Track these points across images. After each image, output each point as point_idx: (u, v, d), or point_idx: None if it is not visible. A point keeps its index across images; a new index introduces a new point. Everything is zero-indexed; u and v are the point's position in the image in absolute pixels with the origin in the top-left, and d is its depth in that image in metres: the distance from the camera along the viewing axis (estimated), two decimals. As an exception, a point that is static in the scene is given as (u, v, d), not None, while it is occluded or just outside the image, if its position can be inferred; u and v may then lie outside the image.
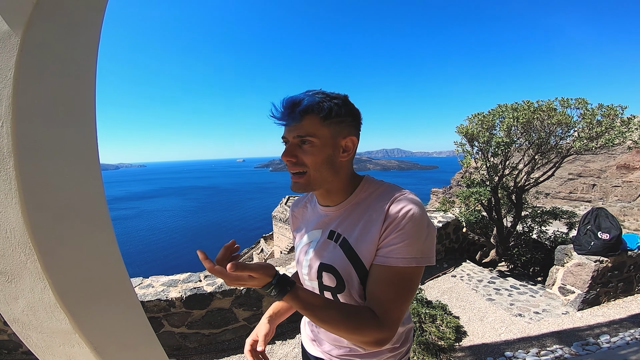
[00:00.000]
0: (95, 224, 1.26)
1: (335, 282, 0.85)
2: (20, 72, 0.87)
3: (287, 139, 0.81)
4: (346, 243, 0.84)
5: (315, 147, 0.77)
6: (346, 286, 0.84)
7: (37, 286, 1.09)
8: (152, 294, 2.70)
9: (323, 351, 1.01)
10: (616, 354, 2.38)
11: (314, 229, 0.94)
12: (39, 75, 0.95)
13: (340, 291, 0.86)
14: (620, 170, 27.07)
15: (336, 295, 0.88)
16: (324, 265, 0.88)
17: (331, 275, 0.86)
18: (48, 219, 1.06)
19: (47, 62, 0.97)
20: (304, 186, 0.81)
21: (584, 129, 4.82)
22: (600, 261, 3.55)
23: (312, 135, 0.77)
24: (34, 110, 0.97)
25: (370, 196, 0.85)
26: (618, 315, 3.39)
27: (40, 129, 1.00)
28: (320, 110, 0.76)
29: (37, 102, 0.98)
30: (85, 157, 1.19)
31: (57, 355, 1.28)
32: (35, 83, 0.95)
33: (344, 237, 0.85)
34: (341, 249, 0.84)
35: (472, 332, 3.26)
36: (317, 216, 0.95)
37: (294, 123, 0.77)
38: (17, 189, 0.95)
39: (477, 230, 6.06)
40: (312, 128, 0.77)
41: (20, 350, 2.56)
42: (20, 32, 0.84)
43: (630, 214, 13.48)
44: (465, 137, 5.41)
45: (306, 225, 0.99)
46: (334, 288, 0.87)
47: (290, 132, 0.79)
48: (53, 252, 1.08)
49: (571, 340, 2.90)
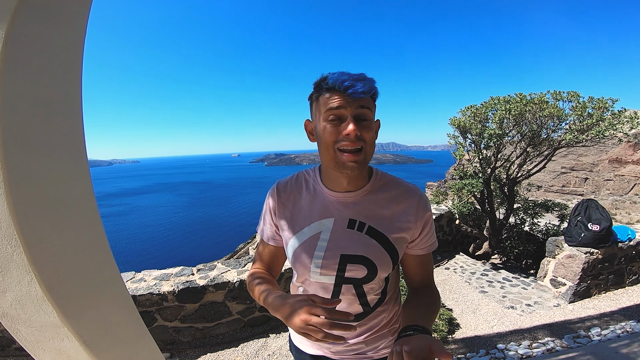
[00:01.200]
0: (83, 217, 1.24)
1: (365, 272, 0.84)
2: (4, 64, 0.87)
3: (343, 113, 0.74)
4: (375, 231, 0.84)
5: (370, 124, 0.77)
6: (377, 275, 0.85)
7: (24, 279, 1.07)
8: (144, 287, 2.68)
9: (318, 344, 0.97)
10: (607, 346, 2.41)
11: (323, 219, 0.86)
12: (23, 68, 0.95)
13: (367, 281, 0.86)
14: (612, 164, 27.46)
15: (361, 285, 0.87)
16: (349, 256, 0.84)
17: (360, 266, 0.84)
18: (34, 210, 1.05)
19: (32, 55, 0.96)
20: (361, 165, 0.76)
21: (575, 122, 4.87)
22: (590, 253, 3.59)
23: (371, 111, 0.77)
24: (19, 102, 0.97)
25: (386, 187, 0.89)
26: (609, 308, 3.43)
27: (26, 121, 0.99)
28: (376, 91, 0.77)
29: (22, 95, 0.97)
30: (72, 150, 1.18)
31: (47, 349, 1.27)
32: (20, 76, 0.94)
33: (369, 225, 0.84)
34: (371, 238, 0.84)
35: (465, 325, 3.30)
36: (323, 204, 0.87)
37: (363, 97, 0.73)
38: (2, 179, 0.94)
39: (470, 222, 6.12)
40: (370, 104, 0.77)
41: (14, 346, 2.54)
42: (4, 25, 0.84)
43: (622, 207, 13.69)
44: (458, 129, 5.44)
45: (305, 214, 0.89)
46: (360, 279, 0.85)
47: (352, 105, 0.73)
48: (40, 244, 1.07)
49: (562, 333, 2.95)
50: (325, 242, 0.85)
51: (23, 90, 0.98)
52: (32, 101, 1.02)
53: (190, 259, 34.89)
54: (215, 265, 3.16)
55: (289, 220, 0.90)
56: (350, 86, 0.72)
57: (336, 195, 0.85)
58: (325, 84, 0.75)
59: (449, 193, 5.99)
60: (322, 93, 0.76)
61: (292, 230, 0.89)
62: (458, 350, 2.79)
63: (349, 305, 0.90)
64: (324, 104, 0.75)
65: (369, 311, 0.91)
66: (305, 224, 0.87)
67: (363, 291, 0.87)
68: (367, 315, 0.91)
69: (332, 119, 0.74)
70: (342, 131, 0.73)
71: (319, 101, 0.77)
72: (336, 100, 0.73)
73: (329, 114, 0.74)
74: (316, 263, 0.85)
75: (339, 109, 0.73)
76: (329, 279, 0.86)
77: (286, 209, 0.91)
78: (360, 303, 0.89)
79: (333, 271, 0.85)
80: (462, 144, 5.47)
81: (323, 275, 0.86)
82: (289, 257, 0.91)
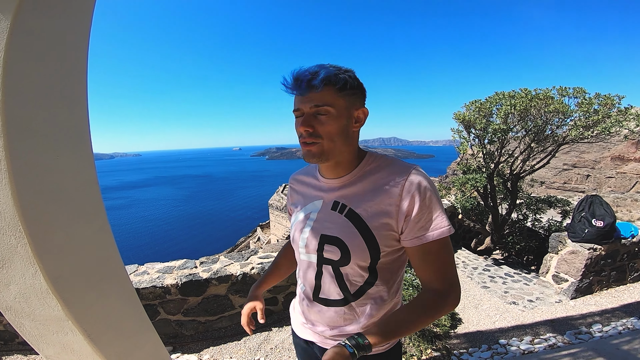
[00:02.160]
0: (88, 208, 1.23)
1: (339, 254, 0.84)
2: (9, 55, 0.87)
3: (301, 111, 0.79)
4: (353, 214, 0.83)
5: (332, 117, 0.77)
6: (352, 258, 0.83)
7: (28, 271, 1.06)
8: (147, 281, 2.68)
9: (315, 332, 0.98)
10: (608, 343, 2.41)
11: (315, 200, 0.93)
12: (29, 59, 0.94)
13: (344, 264, 0.85)
14: (614, 161, 27.35)
15: (338, 268, 0.86)
16: (326, 237, 0.86)
17: (334, 248, 0.85)
18: (39, 201, 1.04)
19: (37, 46, 0.95)
20: (317, 155, 0.80)
21: (581, 118, 4.83)
22: (593, 249, 3.57)
23: (330, 105, 0.77)
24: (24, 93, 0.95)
25: (376, 168, 0.85)
26: (610, 305, 3.43)
27: (31, 111, 0.99)
28: (337, 81, 0.76)
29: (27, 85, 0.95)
30: (77, 141, 1.17)
31: (51, 343, 1.26)
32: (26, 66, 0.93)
33: (349, 208, 0.84)
34: (348, 220, 0.84)
35: (467, 320, 3.31)
36: (317, 188, 0.94)
37: (312, 93, 0.76)
38: (7, 169, 0.93)
39: (473, 217, 6.11)
40: (329, 98, 0.77)
41: (17, 340, 2.54)
42: (10, 16, 0.84)
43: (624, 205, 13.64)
44: (462, 123, 5.40)
45: (304, 197, 0.97)
46: (336, 261, 0.86)
47: (305, 103, 0.77)
48: (44, 236, 1.06)
49: (564, 329, 2.95)
50: (312, 221, 0.91)
51: (28, 81, 0.97)
52: (37, 91, 1.01)
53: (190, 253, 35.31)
54: (218, 258, 3.16)
55: (295, 202, 1.02)
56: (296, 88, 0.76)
57: (327, 182, 0.91)
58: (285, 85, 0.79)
59: (452, 188, 5.98)
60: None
61: (295, 209, 1.01)
62: (460, 345, 2.80)
63: (329, 290, 0.90)
64: (294, 104, 0.82)
65: (350, 298, 0.88)
66: (303, 205, 0.97)
67: (341, 274, 0.87)
68: (349, 302, 0.89)
69: (297, 118, 0.81)
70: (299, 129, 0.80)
71: None
72: (295, 100, 0.80)
73: (294, 113, 0.82)
74: (302, 240, 0.92)
75: (298, 109, 0.80)
76: (312, 258, 0.91)
77: (294, 192, 1.04)
78: (339, 287, 0.88)
79: (314, 250, 0.89)
80: (466, 138, 5.43)
81: (307, 254, 0.92)
82: (290, 234, 1.03)
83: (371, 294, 0.88)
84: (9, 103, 0.91)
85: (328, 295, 0.91)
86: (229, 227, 58.36)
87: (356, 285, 0.87)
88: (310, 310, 0.96)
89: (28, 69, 0.97)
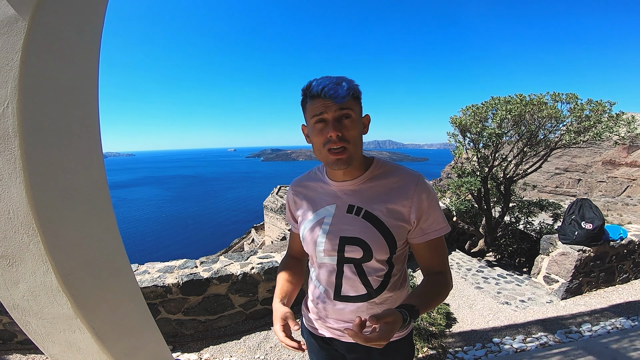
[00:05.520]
0: (97, 206, 1.25)
1: (361, 253, 0.92)
2: (27, 55, 0.88)
3: (325, 117, 0.84)
4: (371, 215, 0.91)
5: (353, 122, 0.85)
6: (374, 255, 0.92)
7: (39, 269, 1.07)
8: (148, 280, 2.69)
9: (335, 329, 1.04)
10: (597, 342, 2.48)
11: (327, 205, 0.98)
12: (45, 59, 0.95)
13: (366, 260, 0.93)
14: (605, 165, 27.83)
15: (361, 265, 0.94)
16: (346, 238, 0.93)
17: (357, 247, 0.92)
18: (52, 199, 1.05)
19: (53, 46, 0.97)
20: (347, 161, 0.86)
21: (573, 123, 4.94)
22: (583, 251, 3.66)
23: (352, 110, 0.85)
24: (40, 92, 0.97)
25: (385, 174, 0.95)
26: (599, 305, 3.51)
27: (46, 110, 1.00)
28: (356, 90, 0.85)
29: (42, 85, 0.97)
30: (89, 140, 1.18)
31: (57, 342, 1.26)
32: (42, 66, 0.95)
33: (365, 210, 0.92)
34: (366, 221, 0.91)
35: (461, 319, 3.37)
36: (328, 193, 0.99)
37: (342, 100, 0.82)
38: (21, 168, 0.94)
39: (467, 219, 6.20)
40: (351, 104, 0.85)
41: (15, 340, 2.52)
42: (27, 17, 0.85)
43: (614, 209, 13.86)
44: (458, 128, 5.49)
45: (313, 203, 1.01)
46: (359, 259, 0.93)
47: (332, 109, 0.83)
48: (57, 233, 1.06)
49: (555, 328, 3.02)
50: (327, 225, 0.96)
51: (44, 80, 0.99)
52: (52, 91, 1.02)
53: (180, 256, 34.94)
54: (218, 258, 3.17)
55: (302, 209, 1.04)
56: (330, 92, 0.81)
57: (338, 185, 0.96)
58: (309, 92, 0.84)
59: (447, 191, 6.07)
60: (308, 100, 0.86)
61: (303, 216, 1.03)
62: (456, 344, 2.85)
63: (352, 287, 0.97)
64: (310, 110, 0.85)
65: (373, 293, 0.97)
66: (313, 210, 1.00)
67: (363, 271, 0.95)
68: (371, 298, 0.97)
69: (318, 123, 0.85)
70: (327, 134, 0.84)
71: (307, 108, 0.87)
72: (319, 107, 0.83)
73: (315, 119, 0.85)
74: (320, 244, 0.97)
75: (322, 114, 0.84)
76: (332, 260, 0.97)
77: (300, 199, 1.05)
78: (362, 283, 0.96)
79: (334, 252, 0.95)
80: (461, 142, 5.52)
81: (326, 257, 0.97)
82: (301, 239, 1.04)
83: (389, 286, 0.98)
84: (25, 102, 0.92)
85: (350, 292, 0.98)
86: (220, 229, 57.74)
87: (378, 280, 0.96)
88: (330, 309, 1.03)
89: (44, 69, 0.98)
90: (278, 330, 0.91)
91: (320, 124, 0.85)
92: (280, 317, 0.92)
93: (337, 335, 1.06)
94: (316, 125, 0.86)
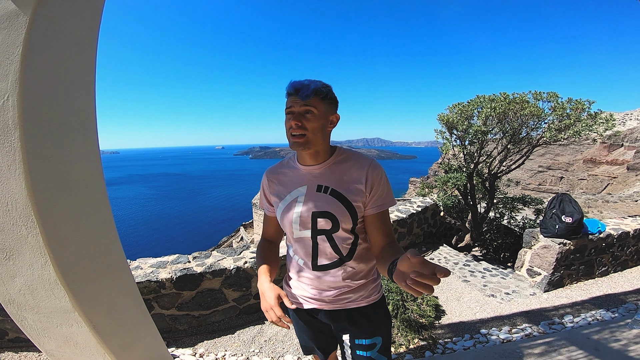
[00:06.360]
0: (94, 199, 1.25)
1: (330, 224, 1.10)
2: (27, 49, 0.90)
3: (292, 109, 1.04)
4: (336, 192, 1.10)
5: (315, 116, 1.04)
6: (340, 225, 1.09)
7: (37, 262, 1.07)
8: (141, 275, 2.66)
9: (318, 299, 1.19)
10: (579, 333, 2.57)
11: (299, 186, 1.15)
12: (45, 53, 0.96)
13: (335, 231, 1.11)
14: (586, 164, 28.70)
15: (331, 235, 1.11)
16: (318, 212, 1.10)
17: (327, 220, 1.10)
18: (51, 191, 1.05)
19: (53, 41, 0.98)
20: (303, 144, 1.05)
21: (554, 121, 5.11)
22: (563, 244, 3.79)
23: (315, 107, 1.03)
24: (40, 85, 0.98)
25: (345, 159, 1.15)
26: (580, 297, 3.63)
27: (45, 103, 1.00)
28: (321, 92, 1.04)
29: (42, 78, 0.98)
30: (86, 134, 1.19)
31: (53, 337, 1.25)
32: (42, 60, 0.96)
33: (332, 188, 1.11)
34: (333, 197, 1.10)
35: (450, 311, 3.46)
36: (299, 176, 1.16)
37: (305, 98, 1.02)
38: (21, 160, 0.94)
39: (454, 214, 6.35)
40: (315, 103, 1.04)
41: (7, 338, 2.47)
42: (29, 12, 0.87)
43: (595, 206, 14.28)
44: (446, 125, 5.61)
45: (287, 186, 1.18)
46: (329, 230, 1.11)
47: (298, 104, 1.03)
48: (56, 225, 1.06)
49: (539, 320, 3.12)
50: (301, 203, 1.12)
51: (44, 74, 0.99)
52: (51, 84, 1.02)
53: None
54: (211, 253, 3.16)
55: (277, 192, 1.20)
56: (299, 92, 1.02)
57: (307, 169, 1.15)
58: (286, 90, 1.05)
59: (435, 187, 6.19)
60: (286, 96, 1.06)
61: (279, 198, 1.18)
62: (445, 335, 2.92)
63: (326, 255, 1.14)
64: (286, 104, 1.06)
65: (345, 258, 1.14)
66: (287, 192, 1.16)
67: (333, 240, 1.12)
68: (343, 263, 1.14)
69: (288, 115, 1.06)
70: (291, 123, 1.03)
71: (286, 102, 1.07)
72: (289, 101, 1.05)
73: (286, 111, 1.06)
74: (296, 220, 1.13)
75: (291, 107, 1.04)
76: (307, 233, 1.13)
77: (274, 184, 1.22)
78: (334, 251, 1.13)
79: (309, 224, 1.12)
80: (448, 139, 5.65)
81: (302, 230, 1.14)
82: (279, 220, 1.20)
83: (358, 254, 1.16)
84: (26, 95, 0.93)
85: (325, 261, 1.15)
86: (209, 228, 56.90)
87: (346, 247, 1.14)
88: (310, 280, 1.18)
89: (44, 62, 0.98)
90: (275, 307, 1.05)
91: (289, 115, 1.05)
92: (275, 297, 1.08)
93: (320, 305, 1.20)
94: (287, 116, 1.06)
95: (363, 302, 1.19)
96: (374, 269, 1.23)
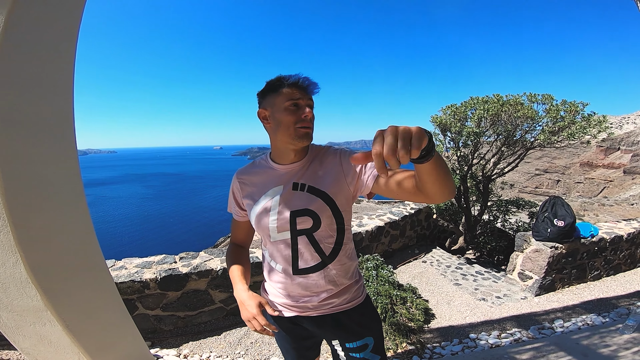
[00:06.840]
0: (69, 199, 1.24)
1: (311, 222, 1.03)
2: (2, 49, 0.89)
3: (300, 103, 1.00)
4: (314, 189, 1.04)
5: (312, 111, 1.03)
6: (322, 222, 1.03)
7: (8, 260, 1.06)
8: (125, 275, 2.64)
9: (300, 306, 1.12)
10: (569, 338, 2.55)
11: (274, 187, 1.08)
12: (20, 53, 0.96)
13: (316, 229, 1.04)
14: (583, 167, 28.80)
15: (312, 234, 1.04)
16: (296, 211, 1.03)
17: (307, 218, 1.03)
18: (23, 190, 1.04)
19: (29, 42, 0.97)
20: (311, 136, 1.03)
21: (548, 124, 5.11)
22: (555, 247, 3.79)
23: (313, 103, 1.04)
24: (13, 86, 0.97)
25: (318, 154, 1.11)
26: (571, 302, 3.61)
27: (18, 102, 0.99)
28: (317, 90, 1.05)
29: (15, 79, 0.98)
30: (62, 133, 1.18)
31: (27, 335, 1.25)
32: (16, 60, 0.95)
33: (308, 185, 1.05)
34: (310, 194, 1.04)
35: (440, 315, 3.44)
36: (274, 176, 1.10)
37: (313, 93, 1.04)
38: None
39: (447, 217, 6.34)
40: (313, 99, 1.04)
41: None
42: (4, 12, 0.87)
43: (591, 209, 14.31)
44: (439, 127, 5.60)
45: (261, 187, 1.11)
46: (309, 229, 1.04)
47: (306, 97, 1.01)
48: (27, 224, 1.05)
49: (529, 324, 3.09)
50: (277, 204, 1.05)
51: (17, 72, 0.98)
52: (24, 85, 1.01)
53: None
54: (198, 254, 3.15)
55: (249, 195, 1.12)
56: (308, 85, 1.01)
57: (283, 168, 1.08)
58: (287, 82, 1.00)
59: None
60: (284, 88, 0.99)
61: (252, 201, 1.10)
62: (434, 339, 2.90)
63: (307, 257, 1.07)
64: (286, 94, 0.99)
65: (327, 260, 1.07)
66: (261, 194, 1.09)
67: (315, 240, 1.05)
68: (325, 265, 1.07)
69: (293, 106, 0.99)
70: (301, 115, 0.99)
71: (280, 93, 1.00)
72: (297, 93, 0.99)
73: (291, 102, 0.99)
74: (273, 222, 1.05)
75: (299, 99, 0.99)
76: (285, 235, 1.05)
77: (246, 186, 1.14)
78: (316, 251, 1.06)
79: (287, 225, 1.04)
80: (442, 141, 5.65)
81: (280, 232, 1.06)
82: (253, 224, 1.12)
83: (341, 255, 1.09)
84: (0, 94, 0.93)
85: (307, 264, 1.07)
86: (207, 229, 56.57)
87: (329, 247, 1.07)
88: (291, 286, 1.10)
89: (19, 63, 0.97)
90: (258, 316, 1.02)
91: (294, 107, 0.99)
92: (256, 305, 1.04)
93: (303, 312, 1.13)
94: (290, 107, 0.99)
95: (348, 306, 1.14)
96: (355, 270, 1.17)
